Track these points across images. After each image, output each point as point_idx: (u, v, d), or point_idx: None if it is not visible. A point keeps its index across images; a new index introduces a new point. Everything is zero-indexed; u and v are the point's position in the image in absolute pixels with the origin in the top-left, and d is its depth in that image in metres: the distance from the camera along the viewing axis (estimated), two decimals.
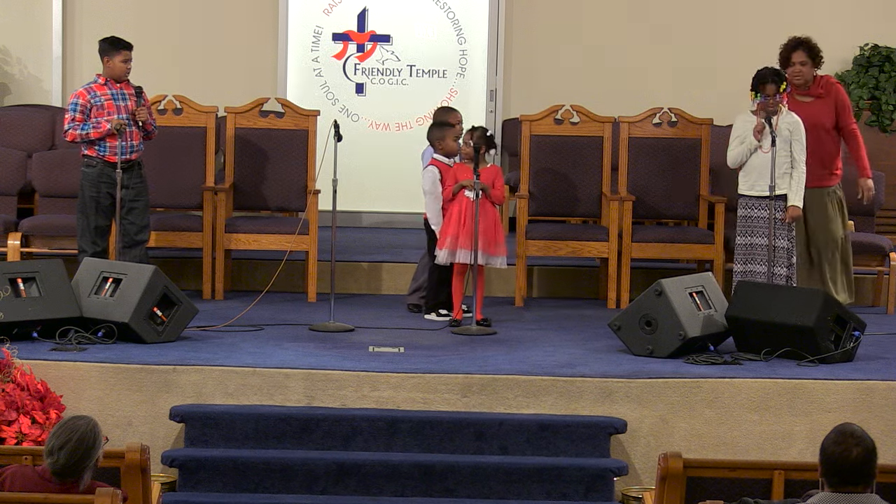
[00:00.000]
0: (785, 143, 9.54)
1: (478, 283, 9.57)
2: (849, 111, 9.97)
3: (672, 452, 6.23)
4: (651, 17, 12.88)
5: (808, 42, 9.83)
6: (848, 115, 9.95)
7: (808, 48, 9.80)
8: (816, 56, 9.84)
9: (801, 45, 9.81)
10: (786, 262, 9.59)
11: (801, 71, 9.80)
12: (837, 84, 10.02)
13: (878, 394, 8.25)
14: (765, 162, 9.51)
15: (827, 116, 9.79)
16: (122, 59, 9.67)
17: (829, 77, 10.01)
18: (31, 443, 7.56)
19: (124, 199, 9.56)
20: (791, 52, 9.84)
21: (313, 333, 9.30)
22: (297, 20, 12.90)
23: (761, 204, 9.60)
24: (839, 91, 9.95)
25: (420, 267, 10.34)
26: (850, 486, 4.99)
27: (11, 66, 12.78)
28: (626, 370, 8.42)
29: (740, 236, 9.69)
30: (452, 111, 10.39)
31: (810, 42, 9.83)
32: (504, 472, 7.84)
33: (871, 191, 10.02)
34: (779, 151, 9.47)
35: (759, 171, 9.56)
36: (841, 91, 9.99)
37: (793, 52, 9.82)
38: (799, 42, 9.84)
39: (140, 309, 8.72)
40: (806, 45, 9.81)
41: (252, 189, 10.77)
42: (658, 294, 8.78)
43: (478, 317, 9.56)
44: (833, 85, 9.93)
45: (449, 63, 12.97)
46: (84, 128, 9.61)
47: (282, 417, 8.04)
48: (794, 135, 9.58)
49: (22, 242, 10.42)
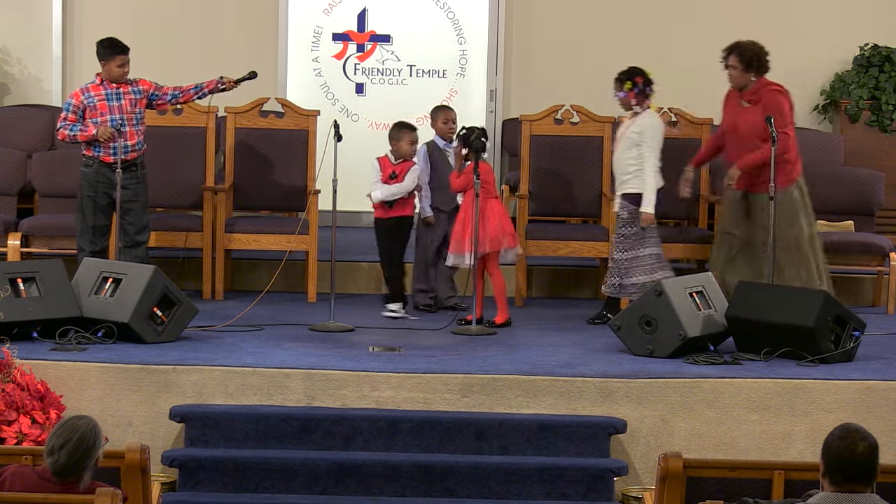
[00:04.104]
0: (636, 147, 9.70)
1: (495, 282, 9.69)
2: (780, 117, 9.64)
3: (672, 452, 6.23)
4: (651, 17, 12.88)
5: (740, 46, 9.81)
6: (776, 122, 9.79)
7: (739, 53, 9.77)
8: (749, 62, 9.75)
9: (733, 50, 9.83)
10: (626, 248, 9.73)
11: (731, 74, 9.82)
12: (775, 90, 9.78)
13: (878, 394, 8.25)
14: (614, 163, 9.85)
15: (757, 124, 9.70)
16: (118, 64, 9.69)
17: (769, 82, 9.85)
18: (31, 443, 7.55)
19: (121, 199, 9.55)
20: (727, 55, 9.88)
21: (313, 333, 9.31)
22: (297, 20, 12.91)
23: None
24: (771, 97, 9.76)
25: (417, 266, 10.37)
26: (853, 482, 5.00)
27: (11, 66, 12.78)
28: (626, 370, 8.42)
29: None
30: (445, 109, 10.46)
31: (742, 47, 9.79)
32: (504, 472, 7.84)
33: (730, 179, 9.73)
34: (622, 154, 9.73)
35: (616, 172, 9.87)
36: (773, 97, 9.72)
37: (728, 56, 9.86)
38: (733, 47, 9.86)
39: (140, 309, 8.72)
40: (737, 50, 9.80)
41: (252, 189, 10.77)
42: (658, 294, 8.78)
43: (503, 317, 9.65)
44: (769, 91, 9.80)
45: (449, 63, 12.97)
46: (73, 129, 9.65)
47: (282, 417, 8.04)
48: (644, 136, 9.69)
49: (22, 242, 10.42)
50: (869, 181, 11.27)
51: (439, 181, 10.28)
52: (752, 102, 9.72)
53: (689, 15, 12.89)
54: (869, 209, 11.20)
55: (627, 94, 9.74)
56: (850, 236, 10.86)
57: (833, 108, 12.87)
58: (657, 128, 9.78)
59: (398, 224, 10.09)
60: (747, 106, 9.74)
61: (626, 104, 9.83)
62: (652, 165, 9.70)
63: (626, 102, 9.80)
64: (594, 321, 9.85)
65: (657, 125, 9.80)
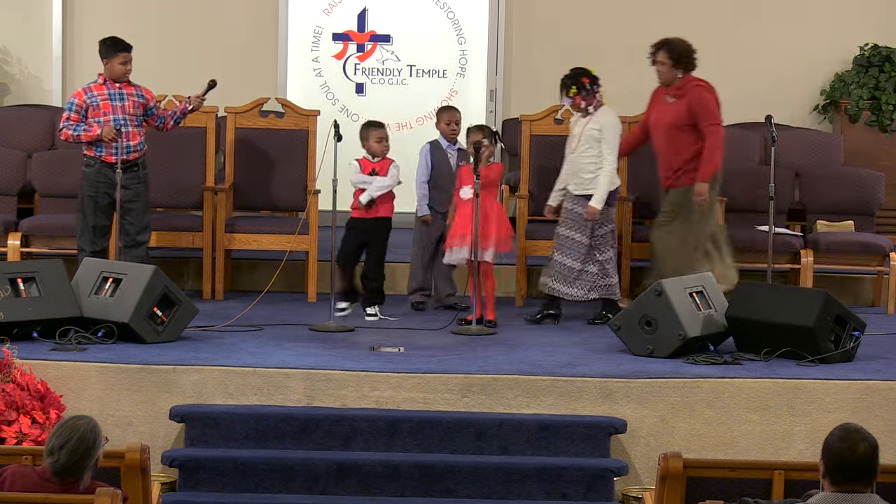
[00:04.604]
0: (596, 143, 9.68)
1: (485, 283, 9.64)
2: (706, 112, 9.75)
3: (672, 452, 6.23)
4: (651, 17, 12.88)
5: (669, 43, 9.91)
6: (704, 116, 9.76)
7: (668, 49, 9.88)
8: (678, 58, 9.86)
9: (662, 46, 9.92)
10: (580, 256, 9.69)
11: (659, 70, 9.89)
12: (700, 86, 9.86)
13: (878, 394, 8.25)
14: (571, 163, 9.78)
15: (680, 117, 9.78)
16: (121, 62, 9.68)
17: (694, 79, 9.91)
18: (31, 443, 7.55)
19: (122, 199, 9.56)
20: (656, 52, 9.92)
21: (313, 333, 9.30)
22: (297, 20, 12.91)
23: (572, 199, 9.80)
24: (697, 92, 9.83)
25: (414, 265, 10.37)
26: (854, 482, 5.00)
27: (11, 66, 12.78)
28: (626, 370, 8.42)
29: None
30: (450, 110, 10.46)
31: (671, 43, 9.89)
32: (504, 472, 7.84)
33: (699, 196, 9.74)
34: (583, 153, 9.70)
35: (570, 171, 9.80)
36: (699, 92, 9.82)
37: (657, 52, 9.91)
38: (662, 43, 9.94)
39: (140, 309, 8.72)
40: (667, 46, 9.90)
41: (252, 189, 10.78)
42: (658, 294, 8.78)
43: (488, 316, 9.61)
44: (694, 87, 9.85)
45: (449, 63, 12.97)
46: (76, 129, 9.64)
47: (282, 417, 8.04)
48: (604, 134, 9.69)
49: (22, 242, 10.42)
50: (869, 181, 11.26)
51: (439, 181, 10.28)
52: (677, 97, 9.85)
53: (689, 15, 12.88)
54: (869, 209, 11.19)
55: (574, 99, 9.74)
56: (850, 236, 10.85)
57: (833, 108, 12.87)
58: (617, 126, 9.80)
59: (375, 225, 9.96)
60: (672, 101, 9.83)
61: (576, 108, 9.84)
62: (611, 163, 9.69)
63: (576, 106, 9.82)
64: (594, 321, 9.85)
65: (616, 123, 9.81)
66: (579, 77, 9.80)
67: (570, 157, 9.85)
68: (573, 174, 9.81)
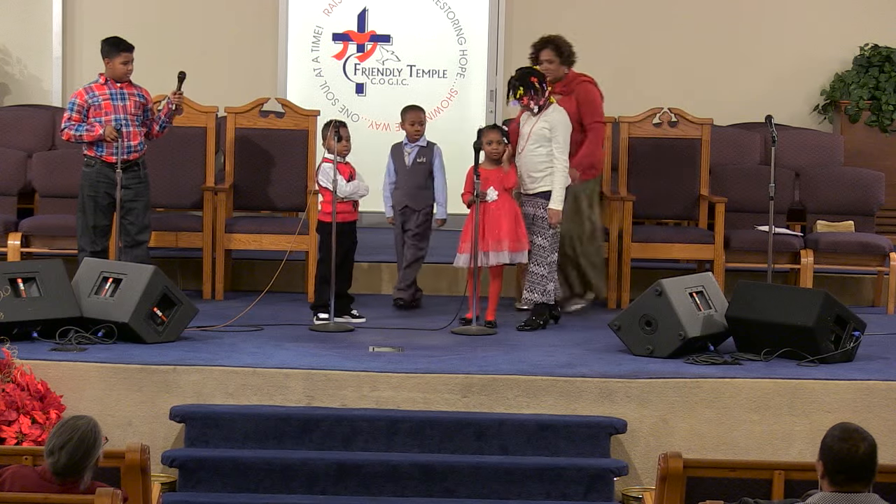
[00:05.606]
0: (546, 142, 9.58)
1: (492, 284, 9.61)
2: (592, 108, 9.83)
3: (672, 452, 6.24)
4: (651, 16, 12.88)
5: (555, 40, 9.95)
6: (589, 112, 9.81)
7: (555, 46, 9.93)
8: (563, 54, 9.93)
9: (548, 44, 9.95)
10: (543, 260, 9.60)
11: (547, 68, 9.88)
12: (586, 82, 9.94)
13: (878, 394, 8.25)
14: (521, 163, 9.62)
15: (572, 112, 9.81)
16: (123, 61, 9.68)
17: (579, 75, 9.97)
18: (31, 443, 7.55)
19: (123, 199, 9.56)
20: (540, 50, 9.94)
21: (313, 333, 9.31)
22: (297, 20, 12.91)
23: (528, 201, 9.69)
24: (583, 88, 9.89)
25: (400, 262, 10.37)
26: (855, 483, 5.00)
27: (11, 66, 12.78)
28: (626, 370, 8.42)
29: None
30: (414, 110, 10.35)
31: (557, 40, 9.94)
32: (504, 472, 7.84)
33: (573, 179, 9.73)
34: (532, 153, 9.57)
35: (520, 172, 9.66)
36: (586, 88, 9.90)
37: (541, 50, 9.94)
38: (547, 41, 9.96)
39: (140, 309, 8.72)
40: (553, 44, 9.94)
41: (252, 189, 10.78)
42: (658, 294, 8.78)
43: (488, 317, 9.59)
44: (580, 83, 9.91)
45: (449, 63, 12.98)
46: (79, 129, 9.63)
47: (282, 417, 8.04)
48: (555, 132, 9.59)
49: (22, 242, 10.42)
50: (869, 181, 11.26)
51: (397, 180, 10.27)
52: (564, 94, 9.88)
53: (689, 15, 12.89)
54: (869, 209, 11.19)
55: (522, 100, 9.66)
56: (850, 236, 10.85)
57: (833, 108, 12.87)
58: (567, 124, 9.66)
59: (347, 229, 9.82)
60: (559, 98, 9.83)
61: (525, 108, 9.68)
62: (562, 162, 9.60)
63: (526, 107, 9.67)
64: (523, 328, 9.59)
65: (566, 121, 9.67)
66: (527, 77, 9.63)
67: (519, 157, 9.65)
68: (524, 174, 9.63)
